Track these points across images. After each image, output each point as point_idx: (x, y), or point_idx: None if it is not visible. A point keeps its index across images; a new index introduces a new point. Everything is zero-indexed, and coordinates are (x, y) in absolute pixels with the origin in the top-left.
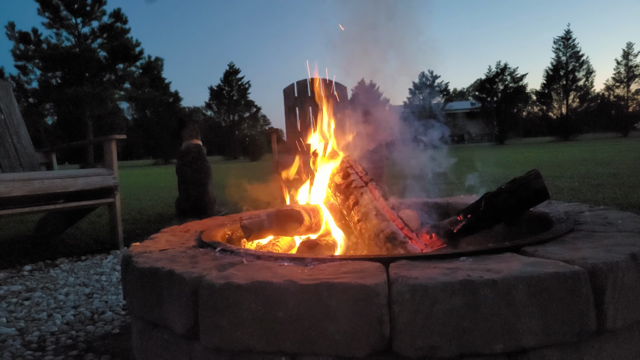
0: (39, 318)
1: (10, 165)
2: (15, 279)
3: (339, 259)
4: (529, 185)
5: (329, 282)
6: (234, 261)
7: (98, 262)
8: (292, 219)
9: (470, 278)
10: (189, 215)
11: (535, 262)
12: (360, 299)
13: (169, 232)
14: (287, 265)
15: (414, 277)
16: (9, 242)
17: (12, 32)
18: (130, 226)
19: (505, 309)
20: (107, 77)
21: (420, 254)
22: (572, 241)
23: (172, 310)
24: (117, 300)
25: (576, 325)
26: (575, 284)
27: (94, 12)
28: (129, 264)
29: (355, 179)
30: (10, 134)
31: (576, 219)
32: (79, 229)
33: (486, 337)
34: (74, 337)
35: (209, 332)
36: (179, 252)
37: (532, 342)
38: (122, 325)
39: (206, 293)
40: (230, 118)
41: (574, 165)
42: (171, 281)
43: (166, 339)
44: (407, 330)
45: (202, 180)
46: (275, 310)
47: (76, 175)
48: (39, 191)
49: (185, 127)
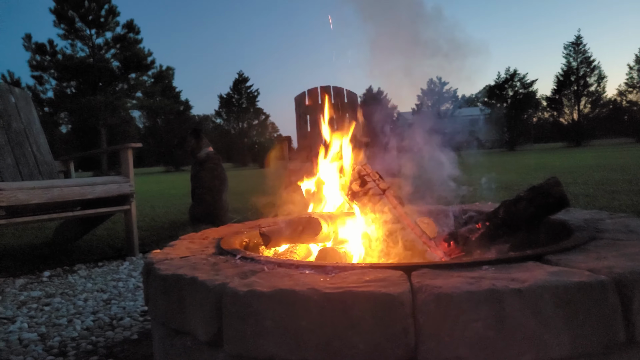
0: (59, 323)
1: (30, 174)
2: (35, 285)
3: (361, 267)
4: (549, 193)
5: (352, 290)
6: (255, 269)
7: (114, 269)
8: (311, 226)
9: (496, 287)
10: (202, 222)
11: (559, 271)
12: (385, 308)
13: (188, 239)
14: (309, 273)
15: (438, 286)
16: (28, 249)
17: (29, 44)
18: (144, 233)
19: (531, 320)
20: (119, 86)
21: (443, 262)
22: (595, 250)
23: (195, 317)
24: (134, 306)
25: (604, 336)
26: (602, 294)
27: (108, 23)
28: (150, 271)
29: (373, 186)
30: (30, 143)
31: (597, 227)
32: (95, 235)
33: (513, 348)
34: (94, 343)
35: (233, 340)
36: (200, 259)
37: (560, 353)
38: (141, 332)
39: (230, 301)
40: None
41: (588, 172)
42: (194, 288)
43: (189, 345)
44: (432, 340)
45: (219, 187)
46: (299, 318)
47: (94, 183)
48: (58, 199)
49: (203, 137)
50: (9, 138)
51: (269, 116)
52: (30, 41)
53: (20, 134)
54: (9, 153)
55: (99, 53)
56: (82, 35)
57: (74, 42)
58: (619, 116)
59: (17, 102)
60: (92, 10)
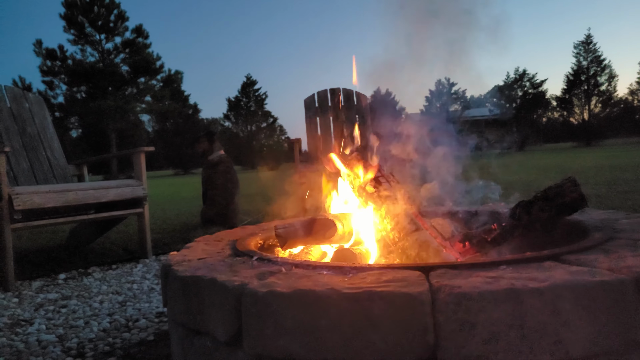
0: (77, 325)
1: (45, 178)
2: (51, 287)
3: (378, 268)
4: (565, 193)
5: (372, 290)
6: (272, 270)
7: (128, 271)
8: (326, 228)
9: (515, 287)
10: (214, 225)
11: (579, 270)
12: (405, 308)
13: (203, 242)
14: (327, 273)
15: (457, 285)
16: (43, 252)
17: (40, 49)
18: (156, 236)
19: (551, 319)
20: (129, 90)
21: (460, 262)
22: (614, 249)
23: (214, 317)
24: (149, 308)
25: (624, 335)
26: (622, 293)
27: (117, 28)
28: (169, 272)
29: (387, 187)
30: (44, 147)
31: (614, 227)
32: (108, 238)
33: (532, 347)
34: (111, 344)
35: (252, 340)
36: (217, 260)
37: (580, 352)
38: (157, 333)
39: (249, 301)
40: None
41: (599, 172)
42: (213, 289)
43: (208, 345)
44: (452, 339)
45: (232, 190)
46: (318, 318)
47: (108, 187)
48: (73, 202)
49: (216, 140)
50: (23, 143)
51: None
52: (41, 47)
53: (34, 139)
54: (24, 157)
55: (109, 58)
56: (91, 40)
57: (83, 47)
58: (630, 115)
59: (31, 107)
60: (102, 15)
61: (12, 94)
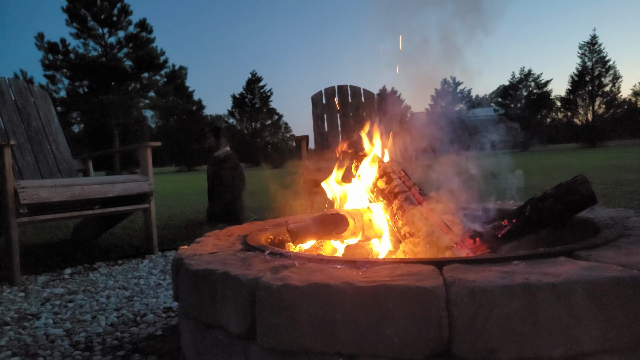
0: (84, 320)
1: (50, 172)
2: (57, 282)
3: (392, 262)
4: (576, 190)
5: (387, 284)
6: (285, 264)
7: (134, 266)
8: (338, 223)
9: (529, 281)
10: (220, 221)
11: (591, 266)
12: (419, 302)
13: (213, 237)
14: (340, 267)
15: (471, 280)
16: (48, 247)
17: (42, 43)
18: (161, 231)
19: (564, 313)
20: (132, 85)
21: (473, 257)
22: (626, 246)
23: (228, 311)
24: (156, 303)
25: (636, 330)
26: (635, 289)
27: (120, 22)
28: (180, 266)
29: (399, 183)
30: (49, 141)
31: (624, 224)
32: (112, 234)
33: (545, 341)
34: (119, 338)
35: (266, 333)
36: (229, 255)
37: (592, 347)
38: (165, 327)
39: (263, 294)
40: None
41: (604, 172)
42: (226, 283)
43: (221, 339)
44: (466, 333)
45: (239, 186)
46: (333, 311)
47: (114, 181)
48: (79, 197)
49: (222, 136)
50: (28, 136)
51: (282, 116)
52: (43, 40)
53: (39, 133)
54: (29, 151)
55: (112, 52)
56: (94, 34)
57: (86, 41)
58: (635, 117)
59: (35, 101)
60: (105, 9)
61: (17, 86)
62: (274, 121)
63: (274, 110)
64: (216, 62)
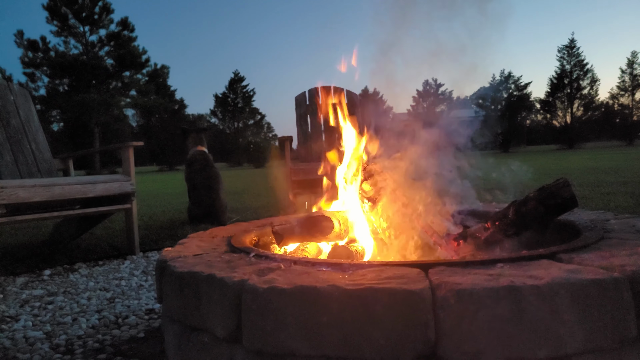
0: (64, 322)
1: (29, 172)
2: (36, 284)
3: (377, 265)
4: (558, 194)
5: (373, 287)
6: (271, 266)
7: (116, 267)
8: (323, 225)
9: (515, 284)
10: (202, 222)
11: (574, 269)
12: (406, 304)
13: (197, 238)
14: (326, 270)
15: (457, 282)
16: (26, 247)
17: (21, 40)
18: (143, 232)
19: (548, 315)
20: (113, 84)
21: (458, 260)
22: (606, 249)
23: (213, 313)
24: (138, 305)
25: (617, 331)
26: (616, 291)
27: (102, 20)
28: (165, 268)
29: (383, 186)
30: (29, 140)
31: (604, 227)
32: (93, 234)
33: (530, 343)
34: (100, 341)
35: (252, 336)
36: (214, 257)
37: (575, 348)
38: (147, 330)
39: (250, 297)
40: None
41: (582, 174)
42: (211, 285)
43: (206, 342)
44: (452, 335)
45: (213, 186)
46: (320, 314)
47: (95, 181)
48: (59, 197)
49: (189, 136)
50: (7, 135)
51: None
52: (22, 38)
53: (19, 132)
54: (8, 150)
55: (93, 50)
56: (75, 32)
57: (67, 39)
58: (611, 119)
59: (15, 99)
60: (86, 7)
61: None
62: (257, 121)
63: (257, 110)
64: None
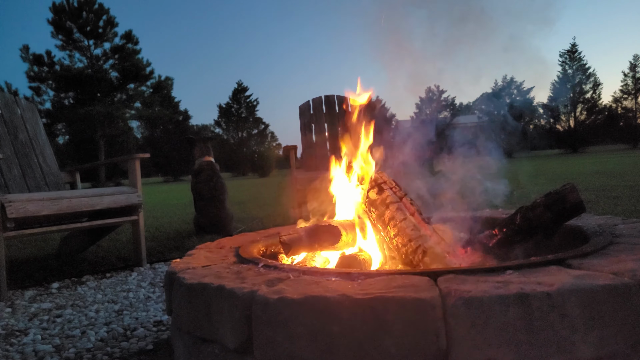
0: (73, 335)
1: (37, 185)
2: (44, 297)
3: (387, 274)
4: (565, 199)
5: (383, 296)
6: (280, 277)
7: (123, 279)
8: (331, 234)
9: (524, 291)
10: (208, 232)
11: (584, 274)
12: (417, 313)
13: (205, 249)
14: (335, 280)
15: (467, 290)
16: (34, 261)
17: (27, 55)
18: (149, 243)
19: (559, 322)
20: (118, 96)
21: (467, 267)
22: (616, 254)
23: (223, 325)
24: (147, 316)
25: (629, 337)
26: (627, 296)
27: (106, 34)
28: (174, 280)
29: (390, 194)
30: (36, 154)
31: (613, 232)
32: (100, 246)
33: (541, 350)
34: (109, 354)
35: (263, 347)
36: (222, 268)
37: (587, 354)
38: (155, 342)
39: (260, 308)
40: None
41: (587, 178)
42: (221, 296)
43: (217, 353)
44: (463, 343)
45: (219, 196)
46: (330, 324)
47: (102, 194)
48: (67, 210)
49: (196, 146)
50: (15, 149)
51: (268, 125)
52: (28, 52)
53: (26, 145)
54: (16, 165)
55: (97, 64)
56: (80, 46)
57: (72, 52)
58: (615, 123)
59: (22, 114)
60: (90, 21)
61: (4, 99)
62: (260, 130)
63: (260, 119)
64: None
